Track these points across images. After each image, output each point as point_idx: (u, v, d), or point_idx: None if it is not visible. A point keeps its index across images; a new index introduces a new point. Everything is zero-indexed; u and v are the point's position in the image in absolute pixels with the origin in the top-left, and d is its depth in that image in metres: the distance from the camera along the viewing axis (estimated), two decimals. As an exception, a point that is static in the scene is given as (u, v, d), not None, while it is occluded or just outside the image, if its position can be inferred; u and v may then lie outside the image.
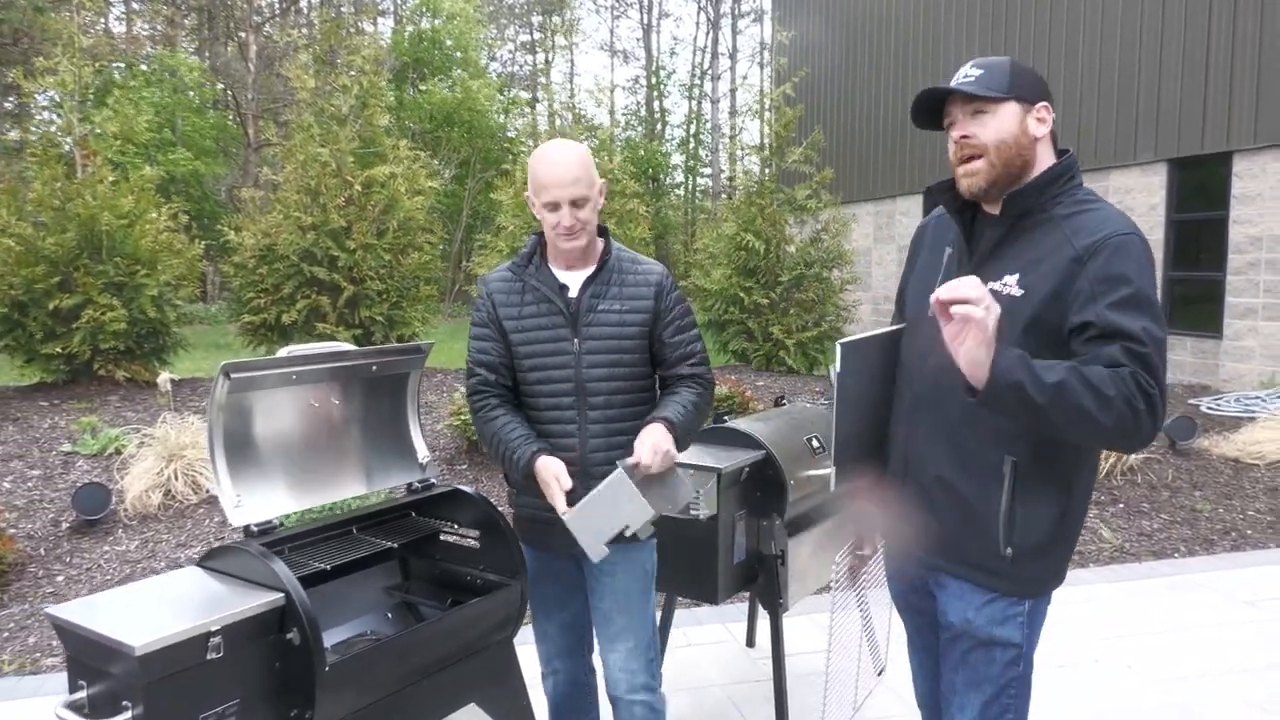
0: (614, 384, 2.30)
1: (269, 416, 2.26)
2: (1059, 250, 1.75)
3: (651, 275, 2.37)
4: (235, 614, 1.89)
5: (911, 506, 1.98)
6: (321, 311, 8.05)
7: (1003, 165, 1.81)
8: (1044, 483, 1.82)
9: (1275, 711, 3.33)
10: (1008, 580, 1.86)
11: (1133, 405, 1.61)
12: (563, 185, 2.20)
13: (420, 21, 28.79)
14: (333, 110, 8.55)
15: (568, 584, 2.47)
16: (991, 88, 1.79)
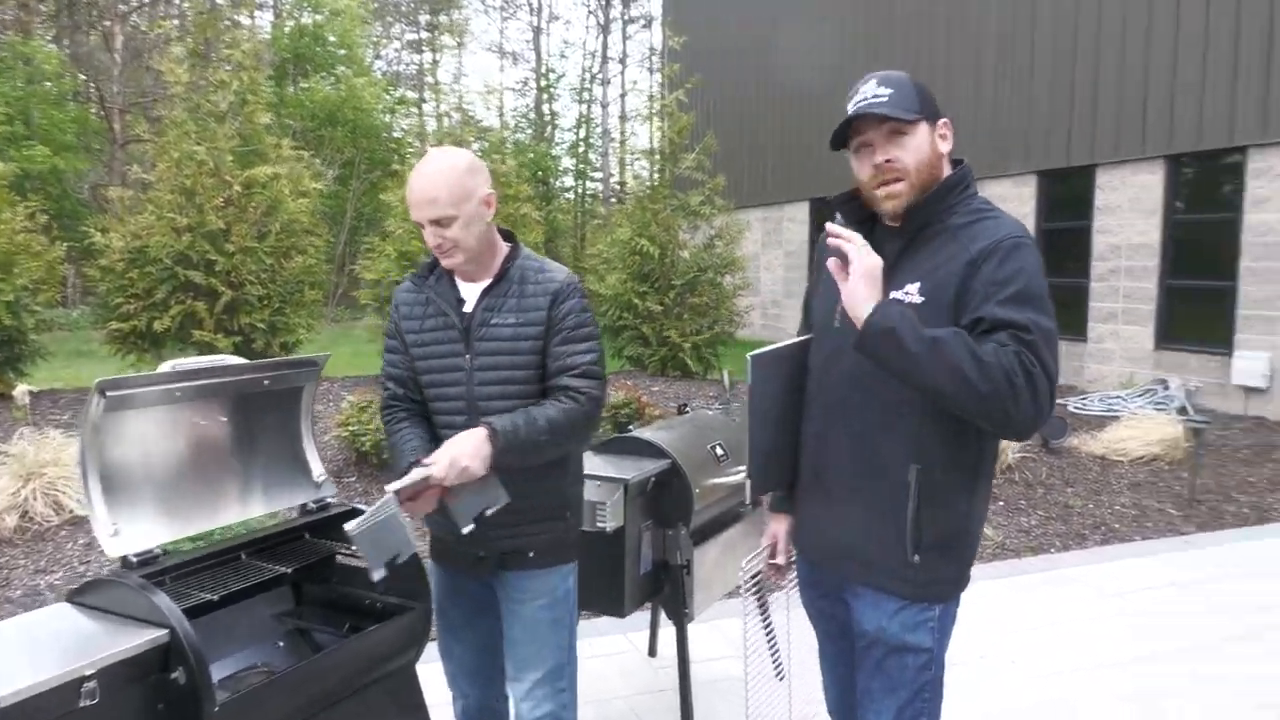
0: (506, 403, 2.16)
1: (149, 437, 2.10)
2: (956, 257, 1.79)
3: (551, 284, 2.21)
4: (112, 655, 1.75)
5: (823, 516, 2.00)
6: (198, 318, 7.65)
7: (921, 186, 1.84)
8: (948, 489, 1.86)
9: (1140, 702, 3.51)
10: (917, 586, 1.88)
11: (1011, 379, 1.63)
12: (419, 205, 2.10)
13: (301, 16, 27.85)
14: (210, 106, 8.14)
15: (477, 605, 2.36)
16: (907, 109, 1.81)
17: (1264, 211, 9.09)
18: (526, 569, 2.23)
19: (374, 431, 5.98)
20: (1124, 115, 10.44)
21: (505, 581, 2.25)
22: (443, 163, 2.12)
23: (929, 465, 1.83)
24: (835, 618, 2.11)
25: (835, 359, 1.93)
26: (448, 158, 2.13)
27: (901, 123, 1.81)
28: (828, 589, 2.09)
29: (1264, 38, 8.93)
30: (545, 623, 2.25)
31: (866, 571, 1.92)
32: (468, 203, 2.10)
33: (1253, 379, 9.07)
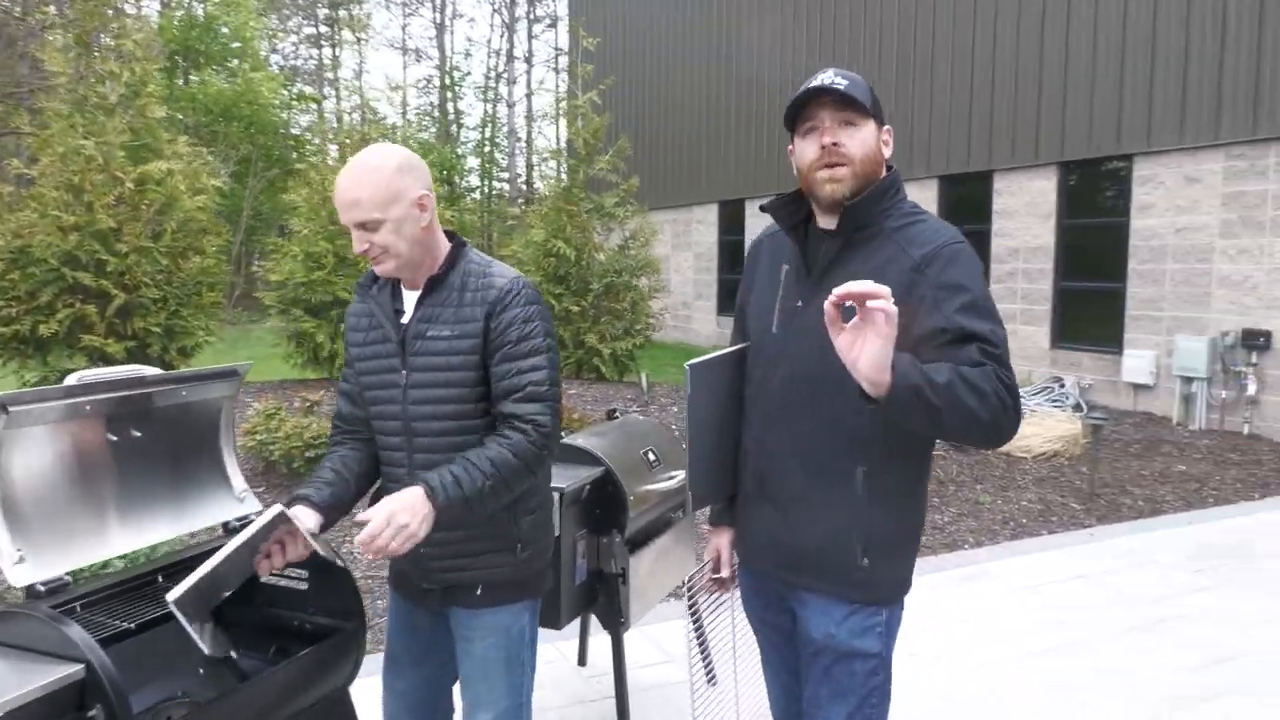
0: (441, 423, 2.00)
1: (56, 455, 1.94)
2: (896, 261, 1.78)
3: (490, 291, 2.00)
4: (22, 694, 1.60)
5: (768, 524, 1.97)
6: (88, 322, 7.21)
7: (864, 178, 1.83)
8: (893, 490, 1.86)
9: (1066, 689, 3.63)
10: (867, 589, 1.88)
11: (1002, 399, 1.65)
12: (342, 207, 1.95)
13: (191, 6, 26.74)
14: (98, 99, 7.69)
15: (429, 640, 2.20)
16: (862, 98, 1.81)
17: (1149, 217, 9.57)
18: (474, 606, 2.08)
19: (282, 440, 5.76)
20: (1019, 123, 10.86)
21: (455, 617, 2.12)
22: (369, 161, 1.94)
23: (874, 467, 1.83)
24: (780, 628, 2.09)
25: (775, 364, 1.91)
26: (375, 155, 1.96)
27: (856, 111, 1.81)
28: (772, 598, 2.06)
29: (1147, 51, 9.41)
30: (497, 661, 2.10)
31: (815, 577, 1.91)
32: (396, 205, 1.92)
33: (1141, 376, 9.55)
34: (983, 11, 11.27)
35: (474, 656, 2.10)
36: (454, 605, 2.10)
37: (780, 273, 1.97)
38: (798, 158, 1.89)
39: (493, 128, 36.17)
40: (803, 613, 1.96)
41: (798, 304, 1.89)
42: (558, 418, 2.02)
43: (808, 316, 1.85)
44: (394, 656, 2.24)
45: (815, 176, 1.84)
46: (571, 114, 10.13)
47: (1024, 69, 10.77)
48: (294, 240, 8.52)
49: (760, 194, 15.52)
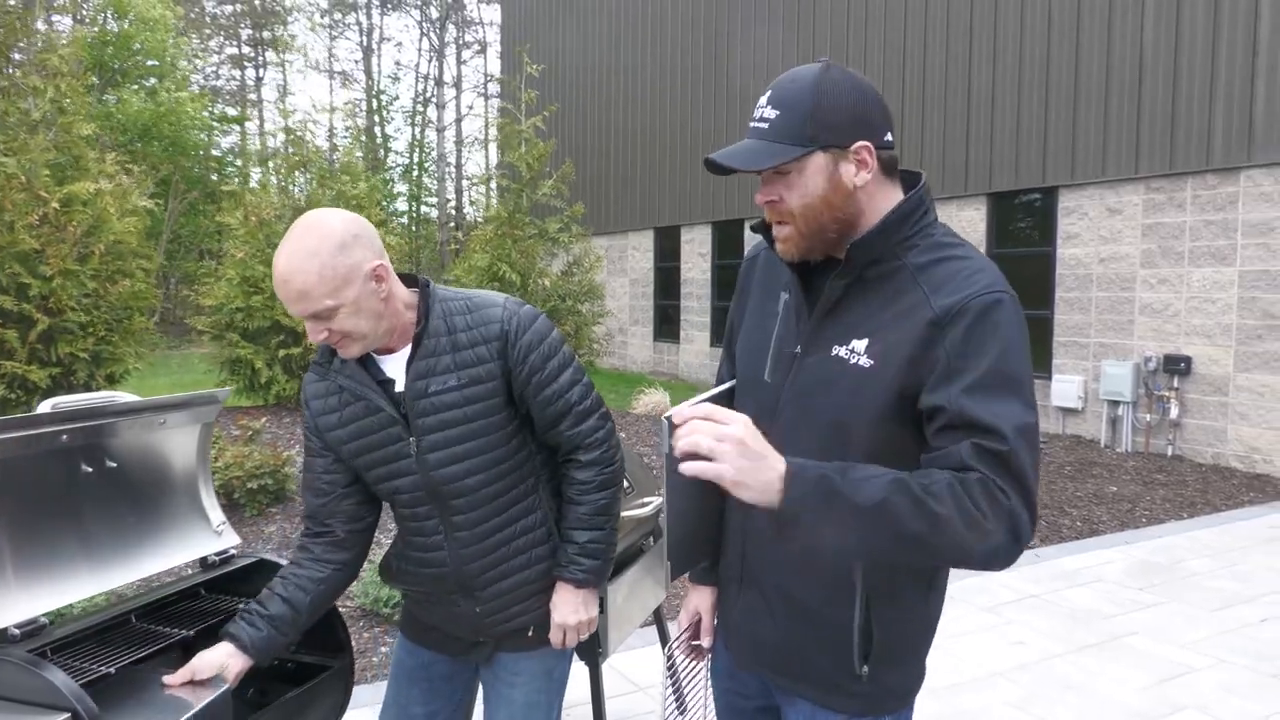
0: (475, 478, 1.84)
1: (28, 489, 1.82)
2: (916, 311, 1.42)
3: (491, 326, 1.83)
4: (3, 748, 1.48)
5: (751, 616, 1.65)
6: (8, 348, 6.85)
7: (813, 231, 1.48)
8: (901, 587, 1.53)
9: (1030, 710, 3.68)
10: (865, 700, 1.58)
11: (975, 522, 1.30)
12: (290, 300, 1.70)
13: (105, 23, 25.91)
14: (19, 114, 7.36)
15: (441, 689, 2.07)
16: (787, 137, 1.44)
17: (1074, 246, 9.95)
18: (523, 649, 1.99)
19: (222, 470, 5.55)
20: (949, 155, 11.21)
21: (500, 662, 2.00)
22: (307, 244, 1.66)
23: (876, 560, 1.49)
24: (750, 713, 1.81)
25: (764, 418, 1.49)
26: (312, 237, 1.67)
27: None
28: (752, 691, 1.76)
29: (1070, 87, 9.82)
30: (538, 707, 2.00)
31: (804, 684, 1.61)
32: (349, 286, 1.68)
33: (1068, 400, 9.86)
34: (912, 50, 11.63)
35: (511, 702, 1.99)
36: (502, 651, 2.00)
37: (778, 303, 1.63)
38: None
39: (421, 152, 35.88)
40: (790, 713, 1.68)
41: (795, 350, 1.55)
42: (611, 420, 1.96)
43: (804, 369, 1.53)
44: (403, 708, 2.06)
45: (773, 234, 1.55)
46: (514, 138, 10.07)
47: (952, 104, 11.13)
48: (228, 263, 8.26)
49: (695, 221, 15.67)
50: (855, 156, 1.45)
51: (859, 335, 1.46)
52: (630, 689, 3.87)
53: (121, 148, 21.00)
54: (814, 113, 1.43)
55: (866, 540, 1.33)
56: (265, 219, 8.25)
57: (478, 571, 1.90)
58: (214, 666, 1.82)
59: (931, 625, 1.61)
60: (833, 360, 1.48)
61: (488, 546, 1.90)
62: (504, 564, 1.91)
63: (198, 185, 26.16)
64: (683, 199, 16.05)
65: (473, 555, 1.89)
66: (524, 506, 1.93)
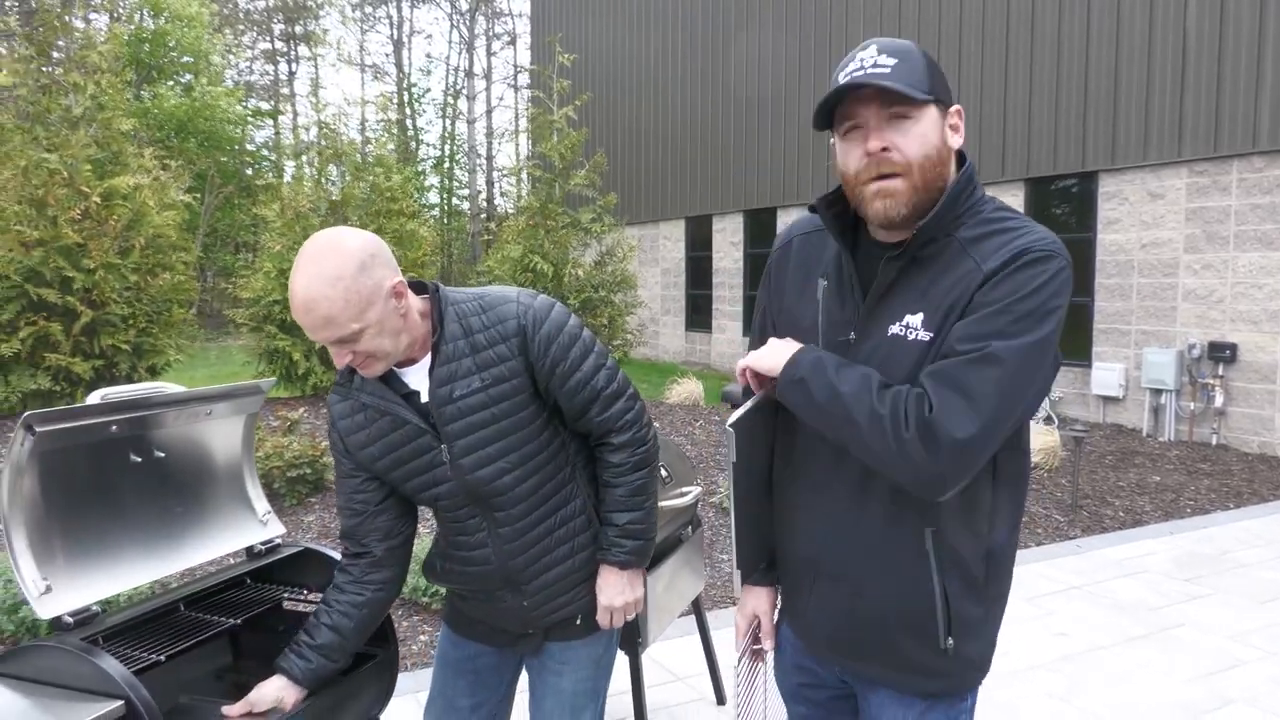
0: (511, 476, 1.83)
1: (82, 478, 1.84)
2: (968, 278, 1.43)
3: (507, 323, 1.80)
4: (59, 734, 1.49)
5: (825, 606, 1.64)
6: (52, 340, 6.98)
7: (924, 187, 1.45)
8: (971, 550, 1.53)
9: (1074, 702, 3.62)
10: (950, 678, 1.58)
11: (897, 430, 1.37)
12: (313, 328, 1.67)
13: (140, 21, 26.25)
14: (62, 111, 7.47)
15: (488, 681, 2.07)
16: (915, 85, 1.42)
17: (1115, 232, 9.77)
18: (571, 638, 1.99)
19: (262, 460, 5.60)
20: (985, 141, 11.04)
21: (549, 651, 2.00)
22: (327, 269, 1.62)
23: (943, 527, 1.50)
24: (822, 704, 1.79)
25: None
26: (331, 260, 1.63)
27: (907, 102, 1.42)
28: (825, 681, 1.75)
29: (1111, 69, 9.63)
30: (584, 695, 2.01)
31: (886, 667, 1.60)
32: (373, 308, 1.66)
33: (1109, 389, 9.70)
34: (948, 30, 11.46)
35: (559, 691, 1.99)
36: (551, 641, 2.00)
37: (817, 289, 1.60)
38: (841, 163, 1.52)
39: (452, 144, 36.02)
40: (870, 700, 1.67)
41: (849, 338, 1.54)
42: (640, 400, 1.94)
43: (861, 354, 1.51)
44: (449, 701, 2.06)
45: (863, 192, 1.48)
46: (546, 129, 10.06)
47: (989, 86, 10.96)
48: (265, 256, 8.34)
49: (727, 210, 15.59)
50: (952, 120, 1.48)
51: (912, 310, 1.47)
52: (669, 678, 3.87)
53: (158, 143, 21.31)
54: (928, 67, 1.45)
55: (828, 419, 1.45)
56: (301, 211, 8.31)
57: (523, 566, 1.89)
58: (270, 700, 1.84)
59: (1003, 592, 1.60)
60: (890, 341, 1.48)
61: (530, 540, 1.89)
62: (547, 556, 1.90)
63: (233, 179, 26.49)
64: (714, 188, 15.97)
65: (517, 550, 1.88)
66: (563, 496, 1.92)
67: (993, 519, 1.54)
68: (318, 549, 2.23)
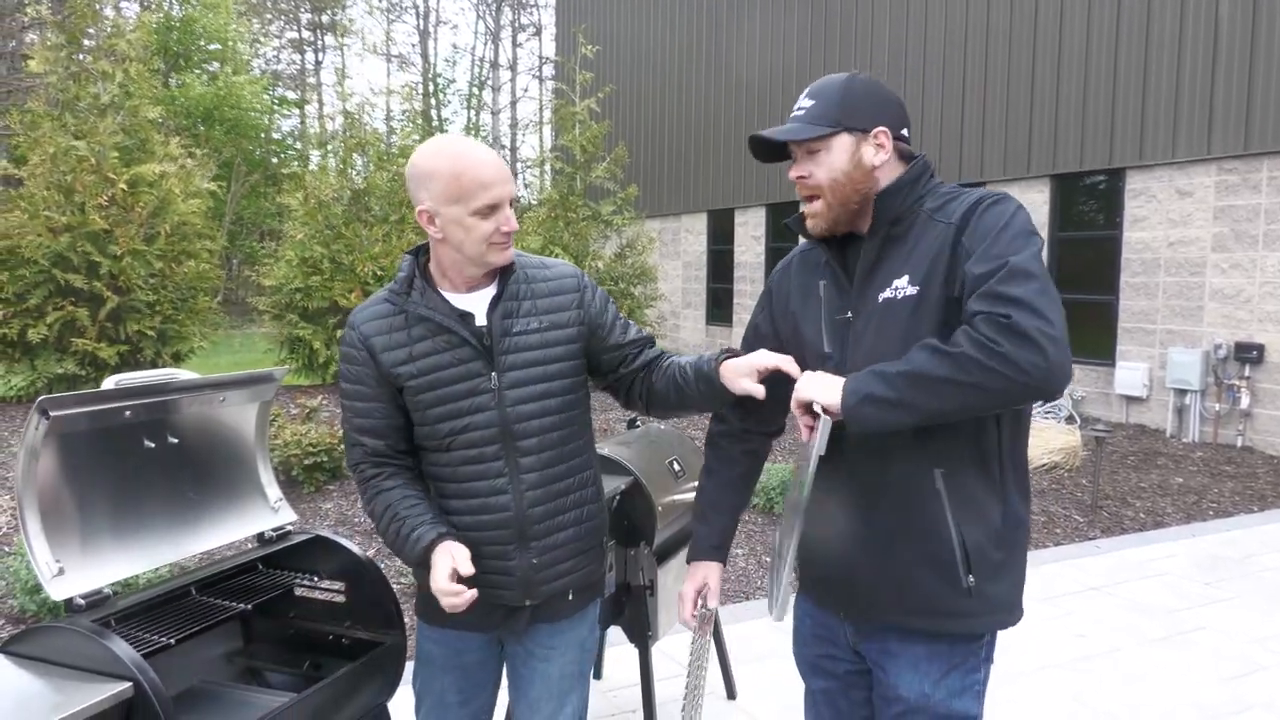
0: (546, 419, 1.90)
1: (95, 462, 1.86)
2: (941, 236, 1.64)
3: (566, 280, 1.98)
4: (67, 716, 1.51)
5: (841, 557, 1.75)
6: (78, 325, 7.06)
7: (839, 203, 1.72)
8: (981, 491, 1.66)
9: (1091, 703, 3.59)
10: (975, 618, 1.68)
11: (991, 349, 1.45)
12: (504, 181, 1.83)
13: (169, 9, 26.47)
14: (90, 99, 7.55)
15: (476, 677, 2.03)
16: (819, 120, 1.70)
17: (1142, 230, 9.64)
18: (558, 619, 1.98)
19: (281, 448, 5.66)
20: (1011, 136, 10.92)
21: (535, 636, 1.98)
22: (486, 147, 1.90)
23: (953, 468, 1.64)
24: (838, 675, 1.88)
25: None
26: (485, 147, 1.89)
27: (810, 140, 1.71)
28: (840, 643, 1.83)
29: (1139, 65, 9.49)
30: (572, 678, 2.01)
31: (906, 612, 1.69)
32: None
33: (1133, 389, 9.59)
34: (974, 26, 11.35)
35: (549, 678, 1.98)
36: (540, 621, 1.98)
37: (819, 290, 1.81)
38: None
39: (477, 135, 36.11)
40: (891, 666, 1.75)
41: (846, 316, 1.74)
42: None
43: (858, 327, 1.71)
44: (438, 698, 2.02)
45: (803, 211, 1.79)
46: (568, 120, 10.06)
47: (1016, 82, 10.84)
48: (288, 244, 8.40)
49: (749, 204, 15.54)
50: (875, 140, 1.71)
51: (898, 275, 1.67)
52: (680, 671, 3.87)
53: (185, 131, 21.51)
54: (842, 100, 1.71)
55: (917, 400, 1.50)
56: (324, 200, 8.36)
57: (539, 518, 1.90)
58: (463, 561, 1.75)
59: (1020, 534, 1.70)
60: (882, 305, 1.67)
61: (551, 492, 1.92)
62: (562, 514, 1.94)
63: (259, 168, 26.68)
64: (736, 181, 15.91)
65: (537, 499, 1.90)
66: (583, 459, 2.01)
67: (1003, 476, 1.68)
68: (329, 536, 2.25)
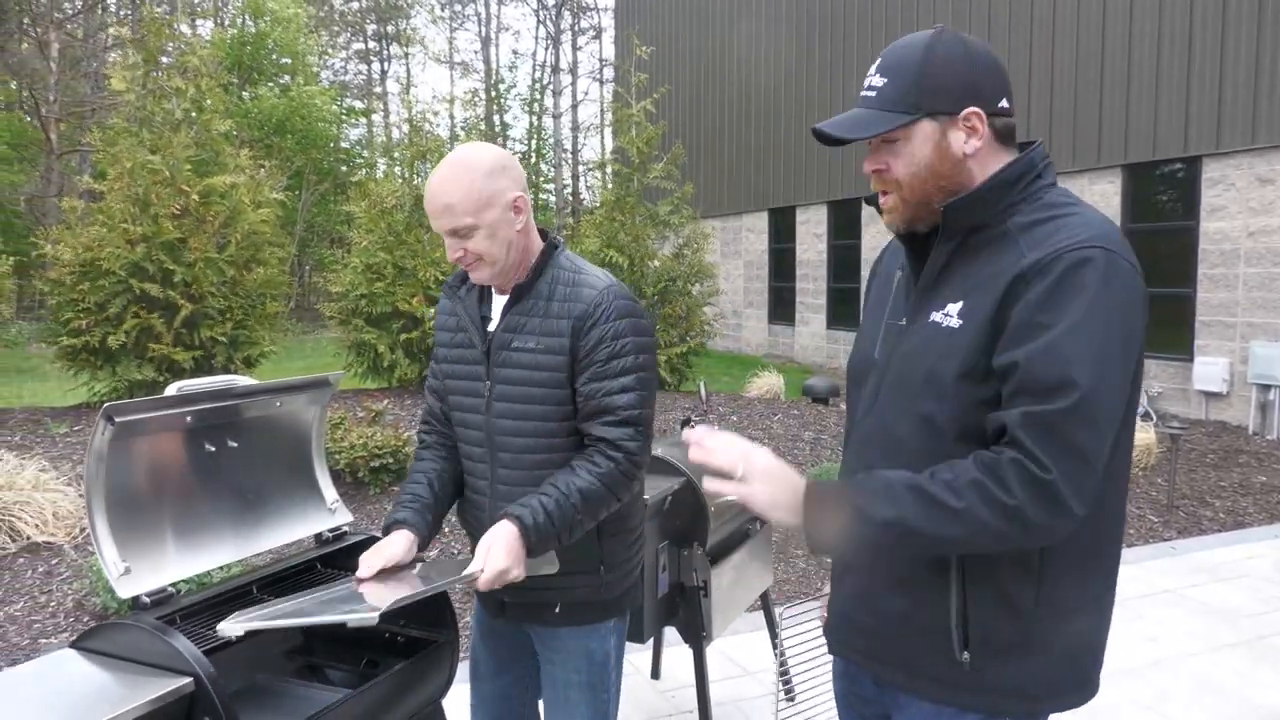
0: (523, 439, 1.91)
1: (158, 465, 1.93)
2: (1006, 270, 1.37)
3: (577, 304, 1.87)
4: (132, 708, 1.57)
5: (848, 602, 1.61)
6: (155, 332, 7.33)
7: (918, 200, 1.46)
8: (1004, 569, 1.41)
9: (1162, 710, 3.48)
10: (971, 694, 1.46)
11: (1000, 506, 1.27)
12: (434, 214, 1.84)
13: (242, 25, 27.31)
14: (164, 114, 7.83)
15: (508, 650, 2.15)
16: (893, 105, 1.43)
17: (1220, 220, 9.30)
18: (553, 625, 2.00)
19: (348, 450, 5.79)
20: (1080, 127, 10.63)
21: (536, 635, 2.07)
22: (459, 164, 1.82)
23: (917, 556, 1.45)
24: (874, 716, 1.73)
25: (870, 397, 1.56)
26: (466, 157, 1.83)
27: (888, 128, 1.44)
28: (869, 695, 1.69)
29: (1215, 48, 9.15)
30: (579, 687, 2.01)
31: (905, 675, 1.53)
32: (490, 210, 1.83)
33: (1212, 384, 9.25)
34: (1040, 11, 11.06)
35: (556, 682, 2.03)
36: (533, 623, 2.03)
37: (894, 281, 1.63)
38: None
39: (538, 139, 36.45)
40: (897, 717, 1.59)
41: (901, 322, 1.54)
42: (649, 441, 1.90)
43: (908, 339, 1.50)
44: (475, 664, 2.21)
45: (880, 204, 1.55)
46: (624, 122, 10.10)
47: (1084, 68, 10.54)
48: (353, 251, 8.60)
49: (810, 201, 15.39)
50: (965, 123, 1.42)
51: (954, 299, 1.44)
52: (738, 673, 3.86)
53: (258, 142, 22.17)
54: (920, 79, 1.42)
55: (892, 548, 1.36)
56: (386, 208, 8.54)
57: None
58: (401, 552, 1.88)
59: (1053, 626, 1.43)
60: (929, 326, 1.46)
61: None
62: None
63: (329, 176, 27.36)
64: (797, 178, 15.78)
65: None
66: None
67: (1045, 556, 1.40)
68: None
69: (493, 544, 1.76)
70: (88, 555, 4.63)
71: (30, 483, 5.09)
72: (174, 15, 9.29)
